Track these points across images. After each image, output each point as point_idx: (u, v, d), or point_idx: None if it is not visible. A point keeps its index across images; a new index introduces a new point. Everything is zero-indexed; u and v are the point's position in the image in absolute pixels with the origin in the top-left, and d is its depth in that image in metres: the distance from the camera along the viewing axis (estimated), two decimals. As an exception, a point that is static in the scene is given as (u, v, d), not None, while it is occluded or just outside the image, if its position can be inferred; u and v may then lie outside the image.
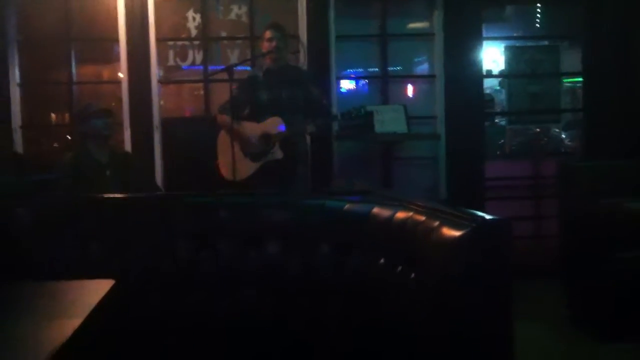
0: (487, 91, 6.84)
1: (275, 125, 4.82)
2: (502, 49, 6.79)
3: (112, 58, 6.09)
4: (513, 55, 6.60)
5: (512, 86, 6.60)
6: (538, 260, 5.62)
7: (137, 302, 2.61)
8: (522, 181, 6.37)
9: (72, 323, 1.72)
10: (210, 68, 5.94)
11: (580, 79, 6.62)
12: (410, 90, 6.35)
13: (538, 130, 7.38)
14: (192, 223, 2.81)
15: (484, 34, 6.22)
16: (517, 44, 6.79)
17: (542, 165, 6.40)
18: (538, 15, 7.25)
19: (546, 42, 6.99)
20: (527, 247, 6.09)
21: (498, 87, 7.26)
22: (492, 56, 7.49)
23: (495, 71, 7.04)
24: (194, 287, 2.69)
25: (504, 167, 6.55)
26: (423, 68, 6.36)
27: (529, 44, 6.93)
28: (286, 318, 2.60)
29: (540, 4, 7.02)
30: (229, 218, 2.79)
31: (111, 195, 3.10)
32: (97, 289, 1.97)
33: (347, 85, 6.32)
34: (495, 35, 6.72)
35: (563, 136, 7.99)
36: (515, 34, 7.19)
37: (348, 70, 6.28)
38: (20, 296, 2.05)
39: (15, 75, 5.79)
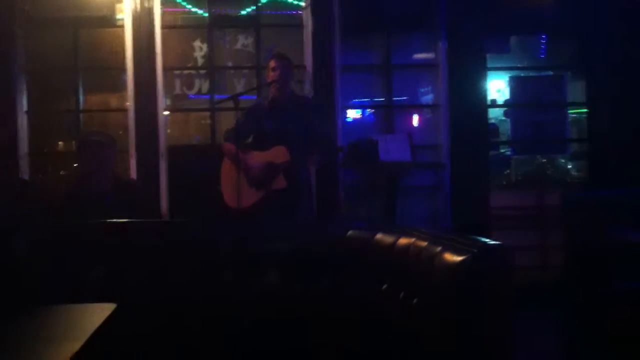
0: (492, 121, 6.85)
1: (279, 154, 4.82)
2: (507, 79, 6.81)
3: (119, 87, 6.14)
4: (518, 85, 6.63)
5: (517, 116, 6.61)
6: (543, 290, 5.58)
7: (138, 326, 2.60)
8: (528, 211, 6.35)
9: (72, 346, 1.71)
10: (217, 97, 5.97)
11: (584, 110, 6.65)
12: (415, 119, 6.38)
13: (544, 160, 7.37)
14: (194, 251, 2.81)
15: (488, 65, 6.27)
16: (522, 74, 6.82)
17: (547, 195, 6.39)
18: (542, 45, 7.28)
19: (551, 73, 7.00)
20: (532, 277, 6.05)
21: (503, 117, 7.26)
22: (497, 86, 7.51)
23: (500, 101, 7.06)
24: (195, 313, 2.69)
25: (510, 197, 6.53)
26: (428, 98, 6.40)
27: (533, 74, 6.95)
28: (289, 343, 2.58)
29: (544, 34, 7.06)
30: (230, 247, 2.80)
31: (112, 221, 3.10)
32: (98, 313, 1.97)
33: (352, 114, 6.35)
34: (500, 65, 6.76)
35: (569, 166, 7.97)
36: (519, 65, 7.21)
37: (353, 100, 6.31)
38: (20, 320, 2.04)
39: (23, 103, 5.84)
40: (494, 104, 6.78)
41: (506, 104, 6.83)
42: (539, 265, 6.25)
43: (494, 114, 7.01)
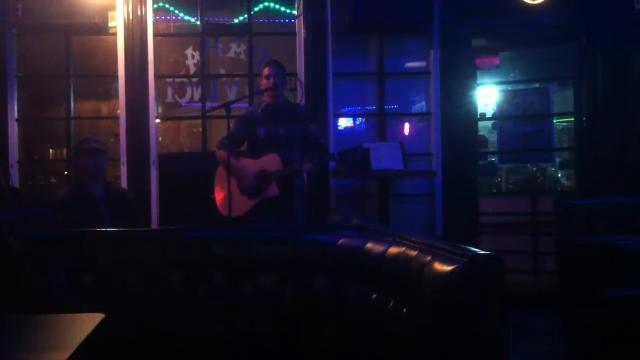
0: (481, 132, 6.88)
1: (272, 162, 4.83)
2: (495, 92, 6.86)
3: (110, 94, 6.15)
4: (505, 97, 6.68)
5: (504, 127, 6.66)
6: (535, 296, 5.61)
7: (130, 334, 2.59)
8: (518, 218, 6.38)
9: (60, 356, 1.71)
10: (208, 105, 5.97)
11: (572, 119, 6.69)
12: (406, 127, 6.38)
13: (534, 169, 7.41)
14: (187, 257, 2.80)
15: (478, 76, 6.30)
16: (509, 87, 6.87)
17: (538, 203, 6.42)
18: (529, 58, 7.34)
19: (537, 85, 7.05)
20: (524, 283, 6.09)
21: (491, 129, 7.31)
22: (484, 99, 7.56)
23: (488, 113, 7.11)
24: (188, 322, 2.68)
25: (500, 204, 6.57)
26: (420, 106, 6.41)
27: (521, 86, 7.00)
28: (280, 349, 2.58)
29: (533, 49, 7.10)
30: (224, 253, 2.79)
31: (106, 229, 3.09)
32: (87, 323, 1.96)
33: (344, 122, 6.35)
34: (488, 79, 6.84)
35: (559, 175, 8.02)
36: (506, 77, 7.27)
37: (345, 108, 6.31)
38: (9, 329, 2.03)
39: (14, 110, 5.82)
40: (483, 116, 6.83)
41: (494, 116, 6.88)
42: (530, 272, 6.28)
43: (482, 125, 7.05)
